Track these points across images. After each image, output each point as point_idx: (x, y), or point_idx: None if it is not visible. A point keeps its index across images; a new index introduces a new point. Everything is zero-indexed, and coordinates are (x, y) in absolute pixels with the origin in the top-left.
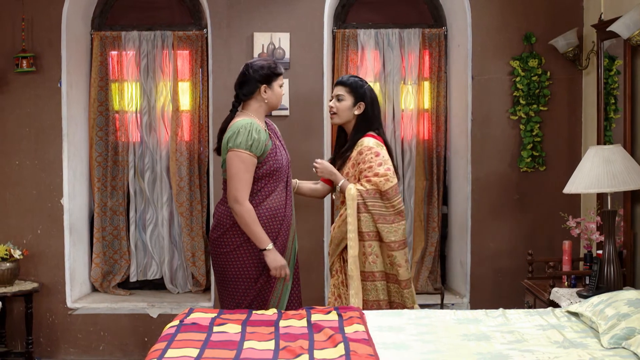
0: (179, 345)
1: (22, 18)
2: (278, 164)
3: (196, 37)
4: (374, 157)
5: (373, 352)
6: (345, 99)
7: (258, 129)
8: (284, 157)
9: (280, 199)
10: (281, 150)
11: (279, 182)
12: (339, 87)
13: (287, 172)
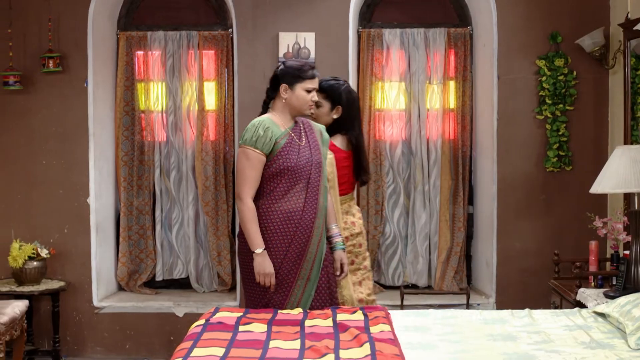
0: (205, 344)
1: (49, 18)
2: (289, 163)
3: (222, 37)
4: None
5: (399, 352)
6: (323, 105)
7: (266, 127)
8: (304, 158)
9: (297, 202)
10: (301, 150)
11: (295, 182)
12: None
13: (307, 173)
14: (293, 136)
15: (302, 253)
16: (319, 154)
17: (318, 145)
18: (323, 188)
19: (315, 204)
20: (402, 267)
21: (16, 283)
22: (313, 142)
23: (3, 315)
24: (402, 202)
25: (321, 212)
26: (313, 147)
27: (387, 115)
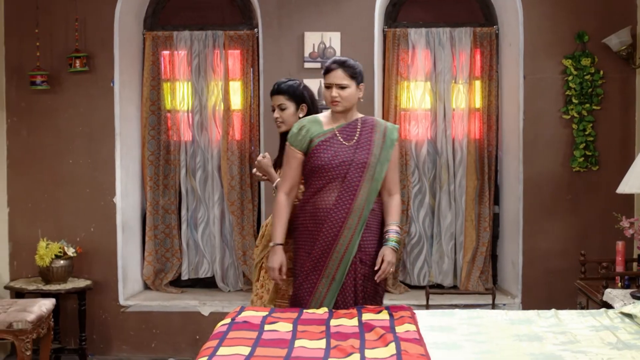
0: (230, 343)
1: (76, 18)
2: (320, 161)
3: (247, 37)
4: None
5: (424, 351)
6: (287, 107)
7: (301, 125)
8: (341, 157)
9: (328, 200)
10: (342, 149)
11: (328, 181)
12: (278, 97)
13: (342, 172)
14: (337, 135)
15: (328, 251)
16: (367, 155)
17: (371, 145)
18: (365, 189)
19: (350, 203)
20: (427, 267)
21: (43, 282)
22: (365, 142)
23: (30, 314)
24: (428, 201)
25: (355, 213)
26: (361, 147)
27: (413, 114)
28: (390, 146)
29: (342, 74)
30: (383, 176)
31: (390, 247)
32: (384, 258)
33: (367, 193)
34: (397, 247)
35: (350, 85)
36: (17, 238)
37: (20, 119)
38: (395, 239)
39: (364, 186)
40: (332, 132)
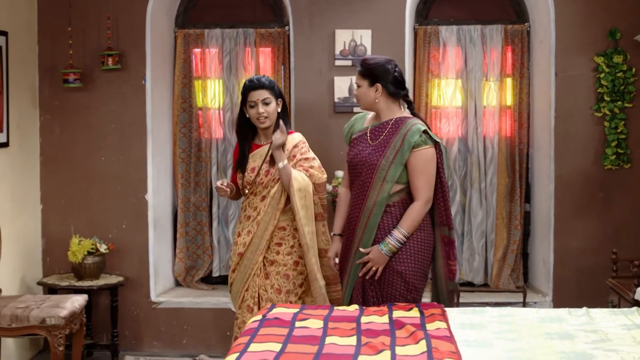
0: (261, 339)
1: (108, 17)
2: (348, 158)
3: (278, 35)
4: (307, 150)
5: (455, 349)
6: (271, 102)
7: (350, 121)
8: (361, 156)
9: (352, 196)
10: (366, 148)
11: (353, 178)
12: (262, 91)
13: (359, 171)
14: (367, 134)
15: (349, 249)
16: (379, 156)
17: (386, 147)
18: (375, 190)
19: (361, 203)
20: (458, 264)
21: (75, 278)
22: (383, 144)
23: (63, 310)
24: (459, 199)
25: (365, 213)
26: (378, 148)
27: (444, 112)
28: (408, 149)
29: (357, 72)
30: (396, 179)
31: (378, 248)
32: (369, 256)
33: (377, 194)
34: (387, 253)
35: (361, 84)
36: (50, 234)
37: (53, 117)
38: (388, 245)
39: (374, 187)
40: (365, 131)
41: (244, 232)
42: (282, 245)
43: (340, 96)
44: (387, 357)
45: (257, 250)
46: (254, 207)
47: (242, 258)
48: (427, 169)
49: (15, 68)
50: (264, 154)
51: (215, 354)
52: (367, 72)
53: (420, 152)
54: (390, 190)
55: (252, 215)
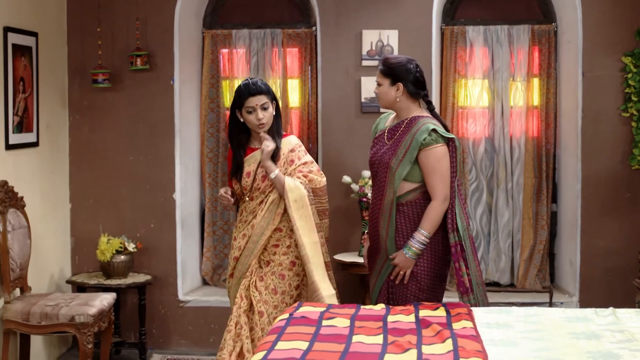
0: (288, 338)
1: (137, 17)
2: (368, 158)
3: (305, 35)
4: (304, 153)
5: (481, 348)
6: (269, 107)
7: (376, 120)
8: (377, 155)
9: (373, 195)
10: (382, 147)
11: (373, 177)
12: (261, 97)
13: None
14: (385, 134)
15: (376, 248)
16: (391, 155)
17: (397, 146)
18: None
19: (380, 202)
20: (484, 264)
21: (104, 276)
22: (396, 142)
23: (92, 307)
24: (485, 199)
25: (384, 213)
26: (391, 147)
27: (470, 112)
28: (415, 148)
29: (378, 71)
30: (403, 176)
31: (403, 253)
32: (395, 262)
33: (392, 193)
34: (411, 257)
35: (382, 83)
36: (78, 233)
37: (83, 117)
38: (412, 248)
39: (389, 186)
40: (385, 130)
41: (239, 236)
42: (278, 246)
43: (367, 96)
44: (414, 355)
45: (252, 255)
46: (251, 210)
47: (237, 262)
48: (440, 167)
49: (45, 69)
50: (259, 157)
51: None
52: (388, 71)
53: (431, 150)
54: (397, 188)
55: (248, 219)
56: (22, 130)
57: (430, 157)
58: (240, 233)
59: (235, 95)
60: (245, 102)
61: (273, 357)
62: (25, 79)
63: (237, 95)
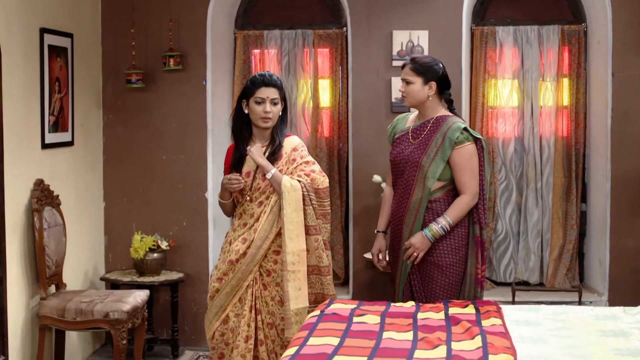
0: (320, 334)
1: (170, 19)
2: (390, 157)
3: (336, 35)
4: (307, 154)
5: (510, 344)
6: (279, 102)
7: (392, 122)
8: (403, 154)
9: (396, 194)
10: (408, 146)
11: (396, 177)
12: (273, 90)
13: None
14: (409, 133)
15: (397, 246)
16: (421, 154)
17: (427, 145)
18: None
19: (406, 200)
20: (513, 263)
21: (137, 274)
22: (424, 142)
23: (126, 304)
24: (514, 199)
25: (411, 211)
26: (419, 146)
27: (500, 112)
28: (449, 146)
29: (408, 69)
30: (439, 175)
31: (421, 234)
32: (410, 241)
33: (421, 191)
34: (430, 239)
35: (415, 81)
36: (112, 231)
37: (116, 116)
38: (432, 231)
39: (418, 185)
40: (407, 130)
41: (238, 239)
42: (279, 253)
43: (397, 96)
44: (443, 351)
45: (254, 261)
46: (250, 213)
47: (234, 268)
48: (471, 164)
49: (80, 69)
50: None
51: None
52: (421, 70)
53: (463, 148)
54: (432, 186)
55: (248, 222)
56: (57, 130)
57: (463, 154)
58: (240, 237)
59: (248, 83)
60: (256, 91)
61: (305, 352)
62: (61, 80)
63: (251, 83)
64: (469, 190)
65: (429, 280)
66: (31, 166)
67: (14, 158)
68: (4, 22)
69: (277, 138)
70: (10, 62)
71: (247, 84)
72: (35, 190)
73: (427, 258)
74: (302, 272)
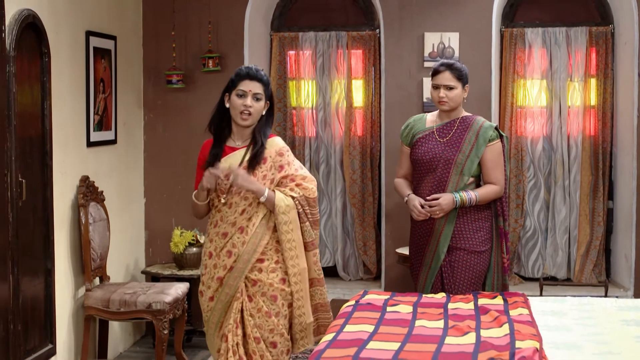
0: (355, 322)
1: (209, 21)
2: (415, 156)
3: (369, 37)
4: (293, 159)
5: (536, 332)
6: (262, 99)
7: (407, 123)
8: (433, 152)
9: (423, 192)
10: (436, 145)
11: (424, 174)
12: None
13: (434, 166)
14: (435, 132)
15: (426, 242)
16: (455, 151)
17: (460, 143)
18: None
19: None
20: (541, 259)
21: (177, 267)
22: (456, 140)
23: (167, 296)
24: (543, 196)
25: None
26: (451, 144)
27: (529, 111)
28: (483, 144)
29: (449, 75)
30: (472, 172)
31: (452, 196)
32: (439, 200)
33: (454, 187)
34: (457, 201)
35: (457, 86)
36: (152, 227)
37: (157, 116)
38: (462, 197)
39: (452, 180)
40: (431, 130)
41: (222, 252)
42: (264, 261)
43: (428, 96)
44: (472, 338)
45: (242, 275)
46: (231, 222)
47: (222, 284)
48: (500, 161)
49: (122, 70)
50: (239, 158)
51: None
52: (461, 76)
53: (494, 145)
54: (467, 182)
55: (229, 232)
56: (101, 129)
57: (495, 151)
58: (223, 250)
59: (232, 75)
60: (239, 84)
61: (342, 338)
62: (105, 80)
63: (235, 75)
64: (499, 183)
65: (462, 269)
66: (77, 163)
67: (62, 155)
68: (53, 26)
69: (260, 139)
70: (58, 63)
71: (232, 76)
72: (81, 187)
73: (462, 248)
74: (304, 290)
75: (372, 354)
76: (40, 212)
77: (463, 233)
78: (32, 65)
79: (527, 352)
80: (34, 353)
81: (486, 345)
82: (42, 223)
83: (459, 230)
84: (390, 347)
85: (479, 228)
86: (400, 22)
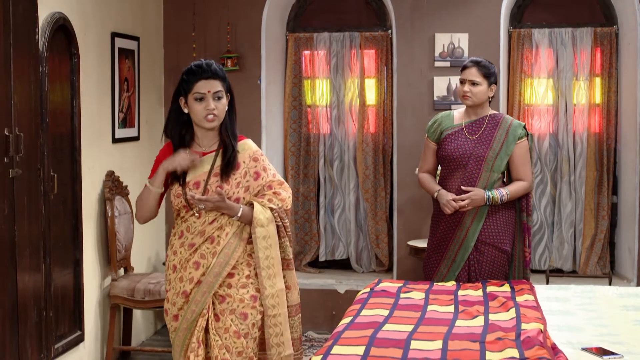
0: (371, 307)
1: (228, 22)
2: (444, 152)
3: (381, 38)
4: (268, 164)
5: (541, 316)
6: (223, 96)
7: (435, 119)
8: (462, 149)
9: (452, 187)
10: (466, 142)
11: (452, 170)
12: (216, 82)
13: (463, 163)
14: (464, 129)
15: (450, 236)
16: (486, 148)
17: (491, 140)
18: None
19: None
20: (548, 252)
21: None
22: (486, 137)
23: None
24: (549, 191)
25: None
26: (481, 142)
27: (536, 109)
28: (513, 141)
29: (475, 72)
30: (503, 168)
31: (483, 192)
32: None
33: (485, 183)
34: (488, 200)
35: (482, 83)
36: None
37: None
38: (494, 195)
39: (483, 177)
40: (460, 127)
41: (189, 264)
42: (234, 275)
43: (439, 95)
44: (481, 321)
45: (211, 290)
46: (199, 232)
47: (188, 300)
48: (528, 157)
49: (145, 69)
50: (208, 165)
51: (322, 331)
52: (488, 74)
53: (523, 143)
54: (497, 179)
55: (196, 242)
56: (126, 126)
57: (523, 148)
58: (190, 262)
59: (183, 76)
60: (194, 87)
61: (359, 321)
62: (129, 79)
63: (185, 76)
64: (528, 179)
65: (489, 264)
66: (103, 159)
67: (89, 151)
68: (82, 28)
69: (230, 143)
70: (86, 63)
71: (182, 77)
72: (107, 181)
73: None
74: (282, 314)
75: (388, 334)
76: (70, 205)
77: (492, 228)
78: (63, 65)
79: (532, 332)
80: (64, 339)
81: (494, 327)
82: (72, 216)
83: (488, 225)
84: (405, 329)
85: (507, 224)
86: (412, 23)
